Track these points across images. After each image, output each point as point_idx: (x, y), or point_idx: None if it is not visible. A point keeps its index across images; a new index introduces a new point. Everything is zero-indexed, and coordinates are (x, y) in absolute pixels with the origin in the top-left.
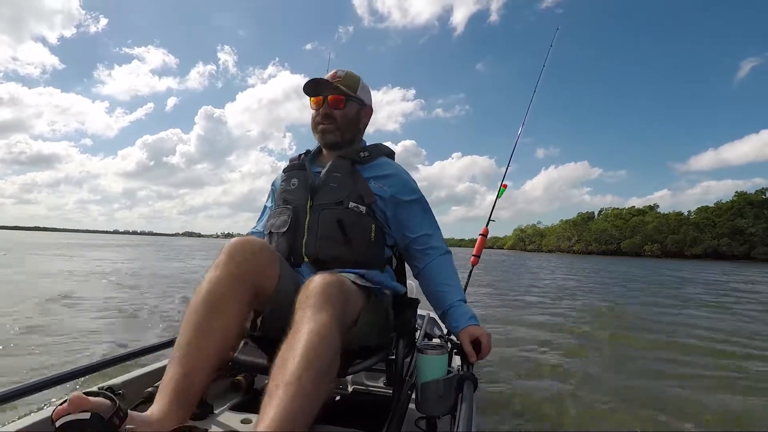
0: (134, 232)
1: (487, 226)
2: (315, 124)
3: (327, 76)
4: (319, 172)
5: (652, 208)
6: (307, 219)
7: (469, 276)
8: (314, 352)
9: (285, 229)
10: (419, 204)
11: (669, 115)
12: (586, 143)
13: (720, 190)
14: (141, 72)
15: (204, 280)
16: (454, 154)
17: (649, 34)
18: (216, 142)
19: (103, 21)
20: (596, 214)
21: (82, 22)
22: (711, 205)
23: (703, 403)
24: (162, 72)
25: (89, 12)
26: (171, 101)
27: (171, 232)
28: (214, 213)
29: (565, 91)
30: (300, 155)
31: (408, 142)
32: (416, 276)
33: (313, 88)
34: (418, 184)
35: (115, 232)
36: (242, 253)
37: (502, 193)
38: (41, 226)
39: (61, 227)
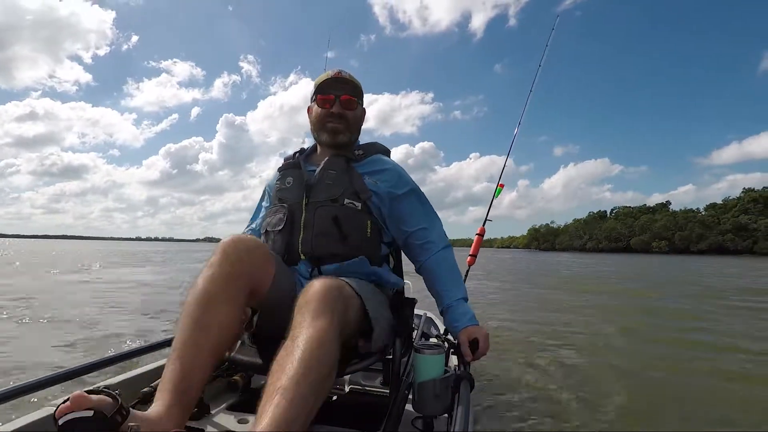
0: (155, 239)
1: (483, 225)
2: (322, 123)
3: (331, 74)
4: (314, 171)
5: (665, 206)
6: (303, 216)
7: (466, 276)
8: (313, 358)
9: (281, 227)
10: (415, 196)
11: (689, 110)
12: (606, 140)
13: (749, 183)
14: (169, 84)
15: (198, 279)
16: (472, 155)
17: (667, 29)
18: (237, 150)
19: (135, 38)
20: (608, 213)
21: (114, 41)
22: (719, 202)
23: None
24: (189, 84)
25: (121, 31)
26: (195, 111)
27: (191, 238)
28: (234, 218)
29: (583, 89)
30: (294, 154)
31: (426, 144)
32: (417, 271)
33: (327, 86)
34: (436, 186)
35: (138, 239)
36: (236, 252)
37: (498, 193)
38: (68, 234)
39: (87, 235)
